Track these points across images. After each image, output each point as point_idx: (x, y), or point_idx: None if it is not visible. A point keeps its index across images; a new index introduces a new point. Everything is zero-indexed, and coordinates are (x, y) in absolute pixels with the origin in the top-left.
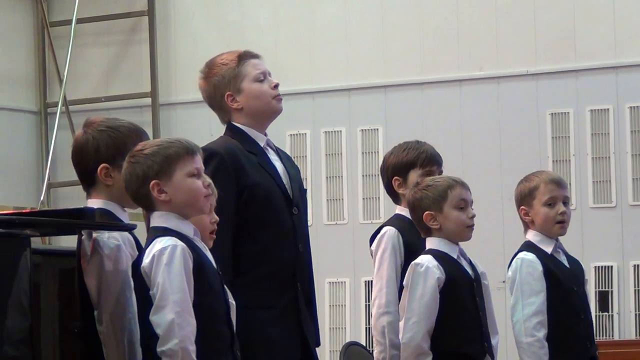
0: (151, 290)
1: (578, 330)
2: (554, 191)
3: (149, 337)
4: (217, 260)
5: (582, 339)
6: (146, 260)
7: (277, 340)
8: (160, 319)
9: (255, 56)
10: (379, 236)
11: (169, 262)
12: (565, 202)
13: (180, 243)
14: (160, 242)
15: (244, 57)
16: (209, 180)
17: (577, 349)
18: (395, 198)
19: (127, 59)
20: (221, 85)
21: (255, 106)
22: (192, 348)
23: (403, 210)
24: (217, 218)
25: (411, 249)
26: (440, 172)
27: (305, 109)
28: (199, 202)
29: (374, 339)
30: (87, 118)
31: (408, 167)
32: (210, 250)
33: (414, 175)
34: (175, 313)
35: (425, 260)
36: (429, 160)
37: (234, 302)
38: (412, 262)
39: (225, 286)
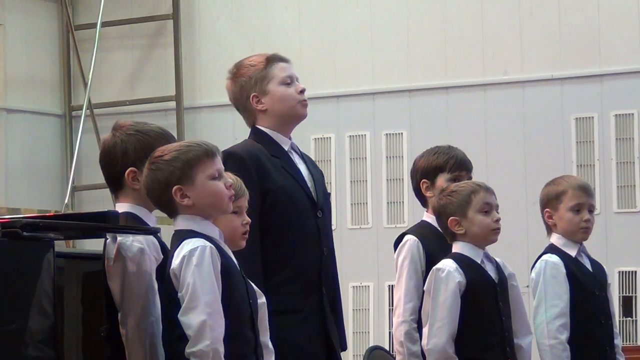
0: (179, 292)
1: (597, 334)
2: (581, 198)
3: (176, 338)
4: (248, 264)
5: (601, 344)
6: (175, 262)
7: (303, 344)
8: (191, 320)
9: (283, 60)
10: (400, 245)
11: (199, 263)
12: (591, 210)
13: (208, 244)
14: (189, 244)
15: (272, 59)
16: (230, 180)
17: (595, 354)
18: (423, 202)
19: (152, 62)
20: (248, 86)
21: (279, 109)
22: (222, 350)
23: (429, 217)
24: (248, 220)
25: (432, 257)
26: (470, 179)
27: (329, 113)
28: (223, 203)
29: (394, 348)
30: (116, 121)
31: (437, 170)
32: (240, 254)
33: (441, 179)
34: (206, 314)
35: (446, 264)
36: (458, 165)
37: (263, 301)
38: (434, 267)
39: (249, 290)
